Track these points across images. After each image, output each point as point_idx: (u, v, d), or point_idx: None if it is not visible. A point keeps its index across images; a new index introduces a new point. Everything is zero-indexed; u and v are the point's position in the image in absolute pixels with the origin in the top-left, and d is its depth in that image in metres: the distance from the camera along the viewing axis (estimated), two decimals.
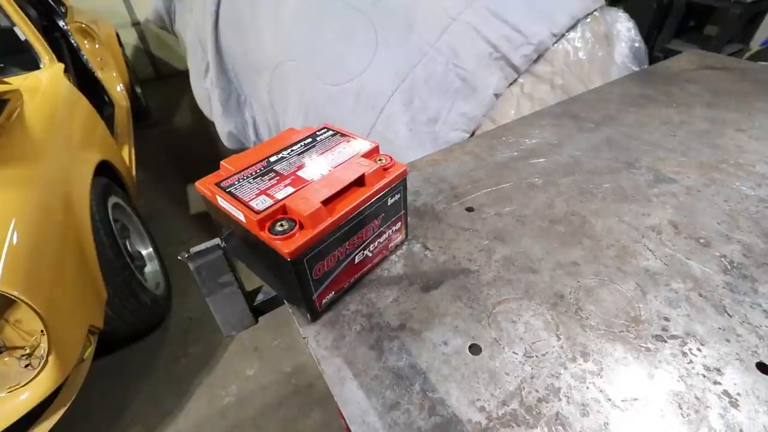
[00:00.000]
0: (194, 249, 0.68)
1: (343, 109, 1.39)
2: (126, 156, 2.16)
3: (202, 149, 3.09)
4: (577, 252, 0.58)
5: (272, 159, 0.53)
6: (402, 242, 0.61)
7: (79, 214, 1.36)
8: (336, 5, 1.44)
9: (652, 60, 1.86)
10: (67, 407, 1.14)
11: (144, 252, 1.87)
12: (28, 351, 1.10)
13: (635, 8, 2.35)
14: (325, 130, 0.59)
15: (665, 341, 0.47)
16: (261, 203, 0.45)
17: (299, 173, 0.50)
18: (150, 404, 1.55)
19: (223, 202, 0.48)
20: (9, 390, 1.03)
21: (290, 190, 0.47)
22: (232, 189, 0.48)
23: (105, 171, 1.71)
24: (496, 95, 1.41)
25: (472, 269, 0.56)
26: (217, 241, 0.70)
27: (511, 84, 1.46)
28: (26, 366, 1.08)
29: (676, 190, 0.68)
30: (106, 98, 2.36)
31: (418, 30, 1.36)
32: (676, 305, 0.50)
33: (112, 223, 1.55)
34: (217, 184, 0.49)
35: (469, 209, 0.67)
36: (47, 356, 1.05)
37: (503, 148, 0.83)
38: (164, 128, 3.45)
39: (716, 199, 0.66)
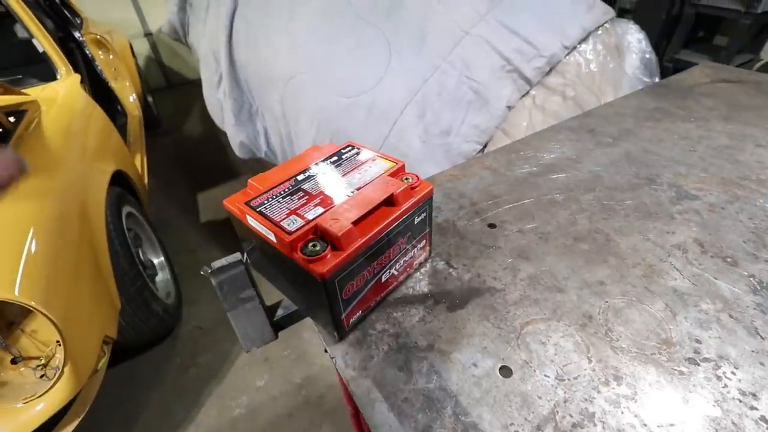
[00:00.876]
0: (216, 264, 0.69)
1: (356, 121, 1.40)
2: (138, 165, 2.19)
3: (211, 158, 3.12)
4: (603, 271, 0.57)
5: (299, 177, 0.54)
6: (426, 260, 0.61)
7: (95, 224, 1.38)
8: (349, 19, 1.46)
9: (662, 70, 1.86)
10: (81, 418, 1.14)
11: (155, 261, 1.88)
12: (43, 362, 1.10)
13: (644, 19, 2.36)
14: (350, 148, 0.59)
15: (698, 364, 0.46)
16: (292, 223, 0.45)
17: (327, 192, 0.50)
18: (160, 415, 1.54)
19: (253, 222, 0.48)
20: (25, 401, 1.04)
21: (320, 210, 0.47)
22: (262, 209, 0.48)
23: (119, 180, 1.73)
24: (509, 107, 1.42)
25: (497, 288, 0.56)
26: (238, 255, 0.71)
27: (523, 96, 1.46)
28: (41, 377, 1.09)
29: (699, 207, 0.68)
30: (119, 108, 2.39)
31: (431, 43, 1.37)
32: (707, 327, 0.50)
33: (126, 232, 1.57)
34: (247, 203, 0.49)
35: (491, 225, 0.67)
36: (63, 367, 1.06)
37: (521, 162, 0.83)
38: (175, 137, 3.49)
39: (741, 217, 0.65)
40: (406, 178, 0.53)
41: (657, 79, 1.78)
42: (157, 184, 2.76)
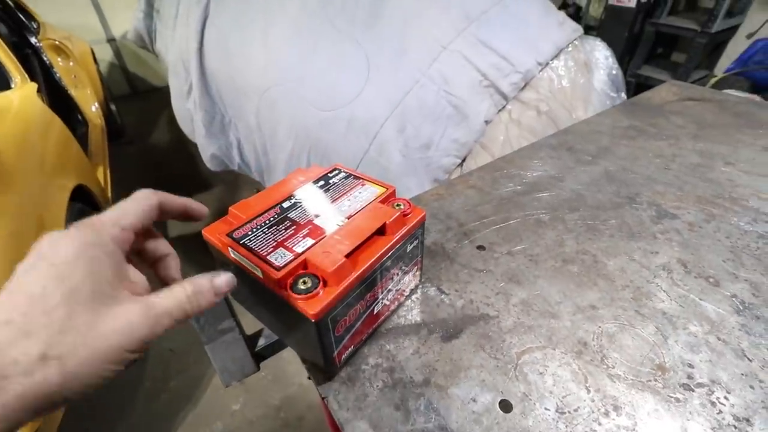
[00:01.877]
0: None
1: (336, 134, 1.37)
2: (101, 177, 2.07)
3: (180, 168, 3.00)
4: (593, 294, 0.57)
5: (285, 205, 0.51)
6: (417, 286, 0.59)
7: None
8: (326, 32, 1.44)
9: (625, 85, 1.94)
10: None
11: None
12: None
13: (608, 36, 2.47)
14: (337, 171, 0.57)
15: (693, 390, 0.46)
16: (280, 257, 0.42)
17: (316, 221, 0.48)
18: None
19: (237, 255, 0.44)
20: None
21: (309, 241, 0.44)
22: (246, 241, 0.45)
23: (80, 195, 1.62)
24: (486, 122, 1.43)
25: (491, 315, 0.55)
26: (219, 274, 0.66)
27: (500, 110, 1.49)
28: None
29: (679, 227, 0.69)
30: (79, 117, 2.26)
31: (410, 57, 1.37)
32: (697, 350, 0.50)
33: None
34: (229, 235, 0.46)
35: (480, 248, 0.66)
36: None
37: (506, 181, 0.83)
38: (140, 146, 3.34)
39: (718, 236, 0.67)
40: (398, 205, 0.51)
41: (623, 94, 1.86)
42: (123, 197, 2.62)
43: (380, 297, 0.50)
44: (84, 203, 1.63)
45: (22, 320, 0.24)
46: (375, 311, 0.50)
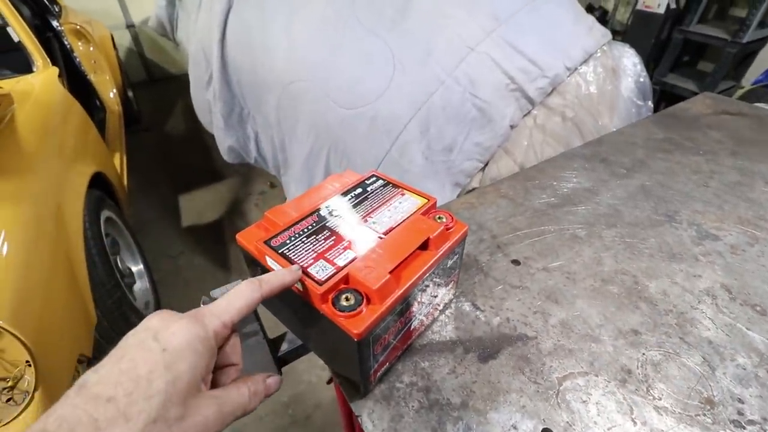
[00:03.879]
0: (216, 293, 0.63)
1: (357, 133, 1.35)
2: (117, 164, 2.07)
3: (195, 158, 3.00)
4: (635, 318, 0.55)
5: (322, 213, 0.49)
6: (450, 301, 0.57)
7: (71, 231, 1.28)
8: (352, 28, 1.42)
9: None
10: None
11: (134, 269, 1.78)
12: (10, 384, 1.00)
13: (634, 42, 2.41)
14: (375, 178, 0.55)
15: (744, 427, 0.44)
16: (321, 271, 0.41)
17: (356, 233, 0.46)
18: None
19: (275, 265, 0.43)
20: None
21: (350, 254, 0.43)
22: (285, 250, 0.43)
23: (98, 182, 1.62)
24: (512, 126, 1.40)
25: (529, 335, 0.53)
26: (240, 283, 0.65)
27: (525, 115, 1.45)
28: (8, 401, 0.99)
29: (721, 249, 0.67)
30: (98, 103, 2.26)
31: (436, 58, 1.34)
32: (746, 384, 0.48)
33: (104, 239, 1.47)
34: (267, 243, 0.44)
35: (515, 262, 0.64)
36: (33, 391, 0.97)
37: (538, 192, 0.80)
38: (156, 134, 3.35)
39: (763, 261, 0.65)
40: (440, 217, 0.49)
41: (650, 103, 1.81)
42: (137, 185, 2.63)
43: (417, 313, 0.48)
44: (101, 190, 1.63)
45: (124, 401, 0.25)
46: (411, 327, 0.49)
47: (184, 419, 0.27)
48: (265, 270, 0.45)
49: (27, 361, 0.98)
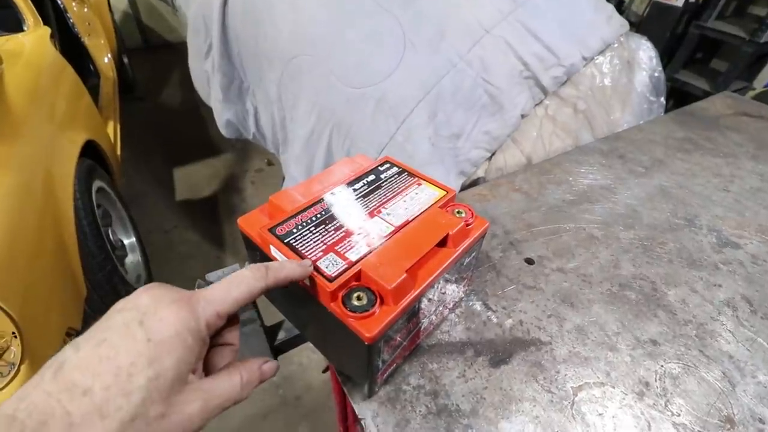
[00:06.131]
0: (212, 276, 0.60)
1: (362, 114, 1.30)
2: (111, 133, 2.00)
3: (191, 130, 2.92)
4: (653, 327, 0.52)
5: (332, 200, 0.45)
6: (461, 299, 0.54)
7: (61, 200, 1.23)
8: (364, 2, 1.34)
9: None
10: None
11: (126, 241, 1.74)
12: None
13: (648, 34, 2.34)
14: (389, 165, 0.51)
15: None
16: (332, 265, 0.37)
17: (369, 224, 0.42)
18: None
19: (280, 255, 0.39)
20: None
21: (363, 248, 0.39)
22: (291, 240, 0.40)
23: (90, 151, 1.56)
24: (523, 115, 1.35)
25: (543, 340, 0.50)
26: (237, 269, 0.62)
27: (536, 105, 1.41)
28: None
29: (742, 258, 0.64)
30: (91, 68, 2.17)
31: (449, 39, 1.28)
32: (767, 403, 0.46)
33: (95, 210, 1.42)
34: (272, 231, 0.40)
35: (529, 261, 0.61)
36: (19, 364, 0.94)
37: (553, 187, 0.77)
38: (151, 103, 3.24)
39: None
40: (459, 212, 0.45)
41: (662, 99, 1.77)
42: (130, 155, 2.55)
43: (428, 313, 0.45)
44: (93, 159, 1.57)
45: (101, 396, 0.23)
46: (422, 328, 0.46)
47: (165, 417, 0.25)
48: (266, 257, 0.42)
49: (13, 333, 0.95)
